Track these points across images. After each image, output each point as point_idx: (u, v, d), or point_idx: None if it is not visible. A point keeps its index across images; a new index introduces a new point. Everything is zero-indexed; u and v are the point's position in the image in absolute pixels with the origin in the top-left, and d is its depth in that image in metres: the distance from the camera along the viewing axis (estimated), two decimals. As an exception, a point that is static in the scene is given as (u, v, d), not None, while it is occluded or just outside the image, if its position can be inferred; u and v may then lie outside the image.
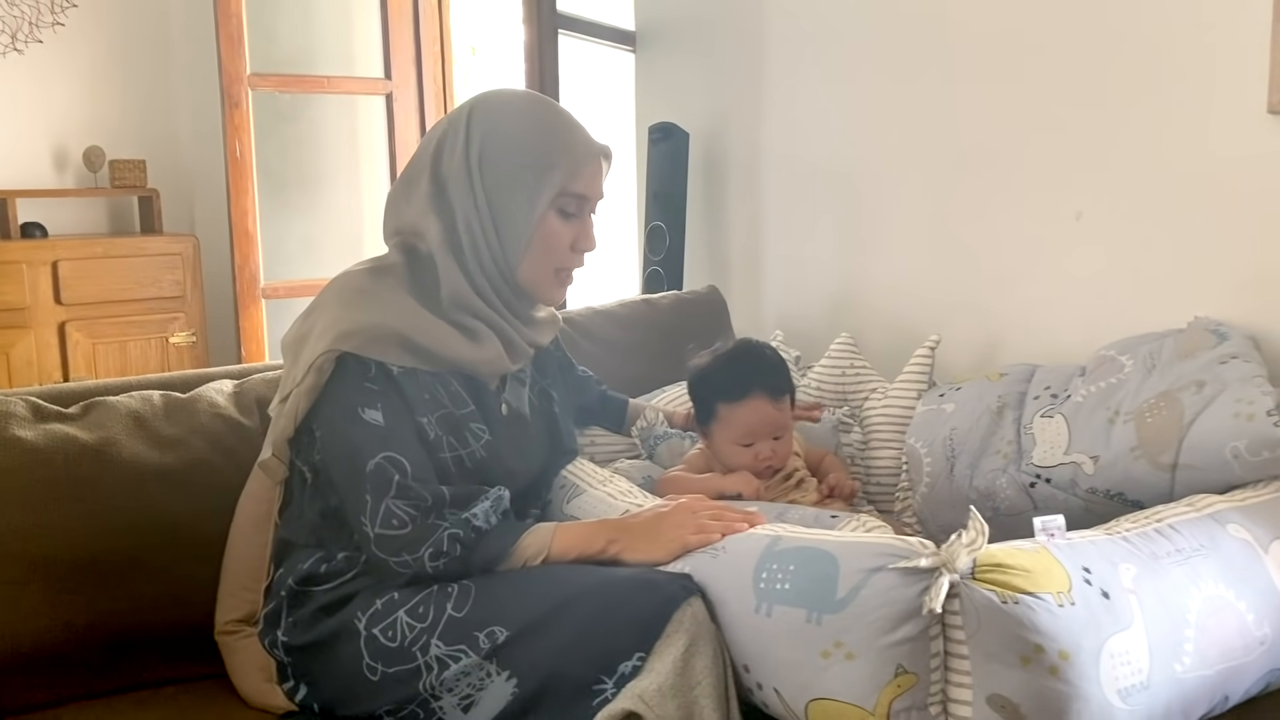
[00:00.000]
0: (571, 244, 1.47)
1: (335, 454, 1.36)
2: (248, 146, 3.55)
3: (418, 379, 1.39)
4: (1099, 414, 1.55)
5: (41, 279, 3.74)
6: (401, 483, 1.32)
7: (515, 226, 1.44)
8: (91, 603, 1.40)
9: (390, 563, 1.32)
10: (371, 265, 1.47)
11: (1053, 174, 1.96)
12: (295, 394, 1.36)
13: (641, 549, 1.31)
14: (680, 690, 1.15)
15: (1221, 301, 1.74)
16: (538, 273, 1.47)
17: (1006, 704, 1.05)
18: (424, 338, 1.38)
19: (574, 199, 1.45)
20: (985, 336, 2.09)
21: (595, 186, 1.48)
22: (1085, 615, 1.06)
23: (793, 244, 2.49)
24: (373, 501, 1.31)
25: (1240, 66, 1.69)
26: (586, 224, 1.49)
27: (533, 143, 1.44)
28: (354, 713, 1.32)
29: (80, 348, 3.82)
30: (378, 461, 1.32)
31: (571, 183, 1.44)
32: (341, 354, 1.34)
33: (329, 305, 1.41)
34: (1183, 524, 1.24)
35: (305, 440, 1.40)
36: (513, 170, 1.43)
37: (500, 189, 1.43)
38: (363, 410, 1.34)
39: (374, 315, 1.37)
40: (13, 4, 3.89)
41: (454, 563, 1.32)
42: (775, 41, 2.46)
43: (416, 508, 1.32)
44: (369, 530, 1.32)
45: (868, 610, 1.09)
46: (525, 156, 1.43)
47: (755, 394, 1.62)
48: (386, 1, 3.82)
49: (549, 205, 1.44)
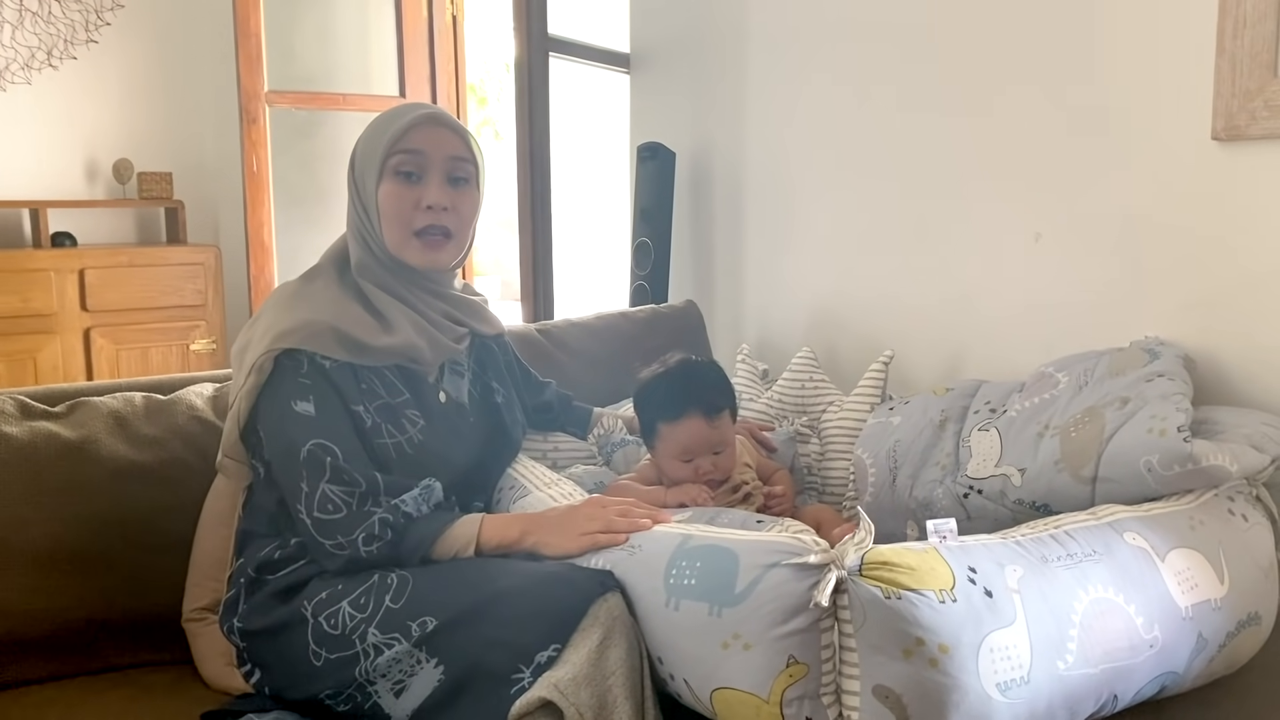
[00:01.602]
0: (417, 203, 1.56)
1: (275, 448, 1.46)
2: (265, 161, 3.68)
3: (353, 371, 1.49)
4: (1030, 428, 1.61)
5: (69, 286, 3.88)
6: (335, 465, 1.42)
7: (369, 200, 1.57)
8: (69, 590, 1.51)
9: (326, 546, 1.41)
10: (305, 273, 1.61)
11: (1014, 197, 2.02)
12: (239, 396, 1.47)
13: (554, 542, 1.40)
14: (594, 680, 1.22)
15: (1170, 322, 1.79)
16: (396, 237, 1.57)
17: (890, 694, 1.12)
18: (353, 328, 1.50)
19: (406, 156, 1.55)
20: (950, 352, 2.15)
21: (430, 144, 1.56)
22: (966, 611, 1.13)
23: (772, 261, 2.57)
24: (308, 488, 1.41)
25: (1186, 95, 1.74)
26: (431, 185, 1.57)
27: (374, 129, 1.59)
28: (299, 696, 1.41)
29: (104, 353, 3.96)
30: (309, 448, 1.42)
31: (398, 142, 1.54)
32: (279, 353, 1.45)
33: (267, 312, 1.53)
34: (1079, 530, 1.29)
35: (253, 439, 1.50)
36: (362, 158, 1.59)
37: (360, 176, 1.59)
38: (295, 403, 1.44)
39: (306, 313, 1.49)
40: (49, 21, 4.06)
41: (385, 546, 1.41)
42: (756, 68, 2.54)
43: (350, 494, 1.41)
44: (305, 517, 1.41)
45: (762, 604, 1.16)
46: (368, 143, 1.58)
47: (691, 414, 1.66)
48: (402, 22, 3.95)
49: (382, 169, 1.55)
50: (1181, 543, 1.33)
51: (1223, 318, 1.73)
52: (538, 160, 2.61)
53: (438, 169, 1.56)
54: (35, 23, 4.05)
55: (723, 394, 1.73)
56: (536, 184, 2.60)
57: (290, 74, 3.83)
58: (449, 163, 1.57)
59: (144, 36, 4.24)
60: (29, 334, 3.83)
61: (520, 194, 2.69)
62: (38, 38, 4.06)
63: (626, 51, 2.89)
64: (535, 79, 2.48)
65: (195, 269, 4.08)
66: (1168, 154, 1.79)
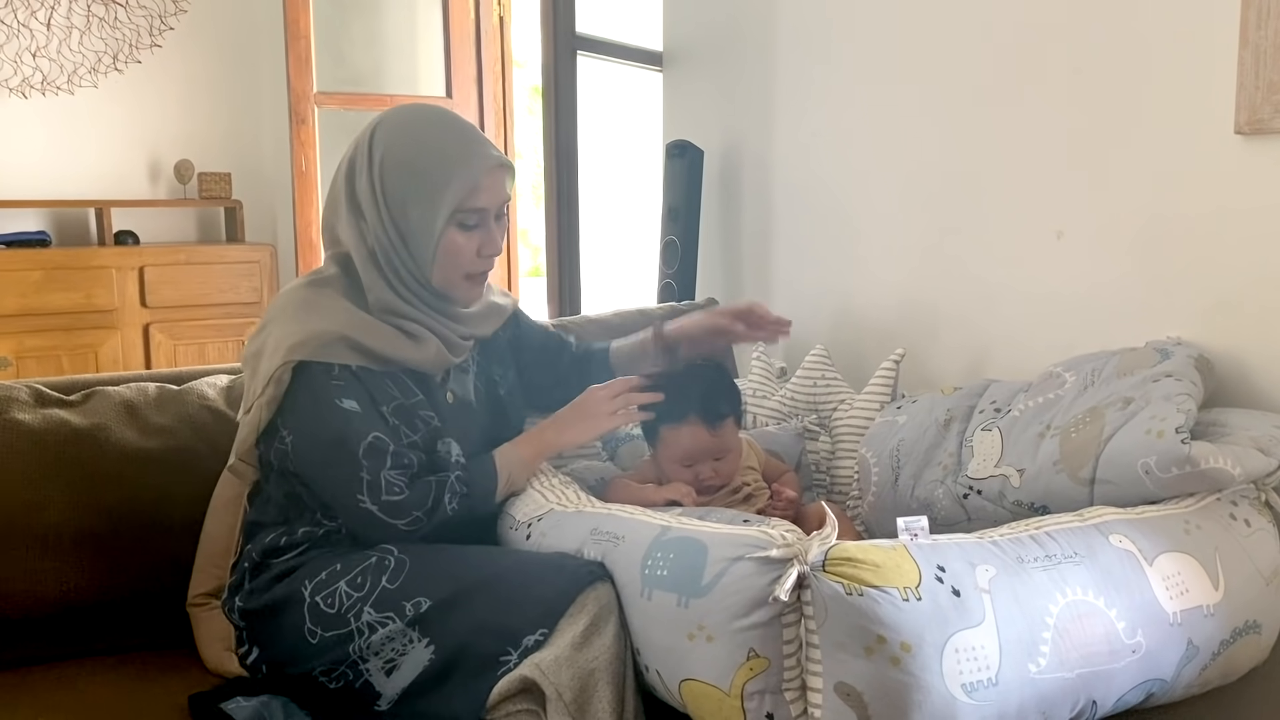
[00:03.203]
0: (477, 251, 1.56)
1: (315, 446, 1.47)
2: (313, 161, 3.75)
3: (372, 374, 1.51)
4: (1032, 428, 1.58)
5: (129, 283, 4.01)
6: (395, 451, 1.46)
7: (420, 241, 1.53)
8: (75, 573, 1.56)
9: (399, 526, 1.45)
10: (310, 279, 1.59)
11: (1036, 194, 1.98)
12: (256, 406, 1.48)
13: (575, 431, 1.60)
14: (576, 663, 1.24)
15: (1194, 322, 1.74)
16: (448, 279, 1.57)
17: (852, 692, 1.10)
18: (369, 339, 1.50)
19: (472, 213, 1.54)
20: (973, 352, 2.12)
21: (494, 198, 1.55)
22: (931, 610, 1.11)
23: (800, 259, 2.55)
24: (370, 477, 1.44)
25: (1208, 88, 1.69)
26: (490, 231, 1.56)
27: (427, 163, 1.51)
28: (295, 672, 1.44)
29: (163, 348, 4.08)
30: (370, 440, 1.45)
31: (467, 199, 1.52)
32: (298, 363, 1.46)
33: (277, 321, 1.53)
34: (1061, 532, 1.27)
35: (271, 444, 1.51)
36: (410, 190, 1.51)
37: (402, 207, 1.52)
38: (340, 401, 1.46)
39: (319, 324, 1.49)
40: (114, 27, 4.20)
41: (465, 500, 1.49)
42: (785, 66, 2.53)
43: (405, 474, 1.46)
44: (370, 505, 1.44)
45: (725, 596, 1.16)
46: (420, 177, 1.51)
47: (692, 421, 1.64)
48: (449, 23, 4.00)
49: (447, 222, 1.52)
50: (1173, 547, 1.29)
51: (1247, 318, 1.68)
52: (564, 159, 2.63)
53: (494, 213, 1.57)
54: (102, 28, 4.20)
55: (727, 401, 1.70)
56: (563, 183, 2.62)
57: (339, 75, 3.91)
58: (501, 206, 1.58)
59: (205, 40, 4.35)
60: (91, 329, 3.96)
61: (547, 193, 2.71)
62: (104, 42, 4.20)
63: (658, 49, 2.90)
64: (562, 78, 2.49)
65: (251, 267, 4.18)
66: (1189, 149, 1.74)
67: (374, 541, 1.46)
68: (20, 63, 4.07)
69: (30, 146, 4.11)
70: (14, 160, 4.08)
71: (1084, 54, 1.87)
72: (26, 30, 4.07)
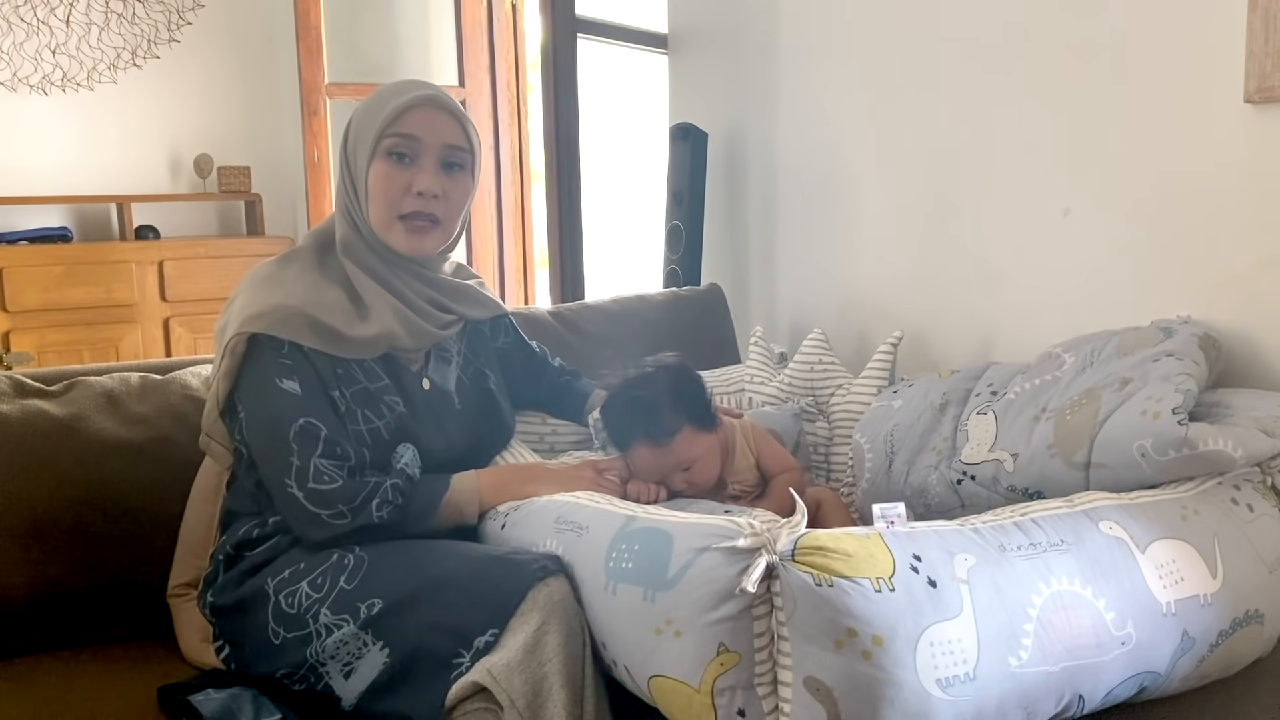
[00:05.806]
0: (407, 187, 1.54)
1: (258, 425, 1.46)
2: (325, 152, 3.75)
3: (327, 359, 1.49)
4: (1027, 411, 1.53)
5: (149, 277, 4.03)
6: (328, 438, 1.43)
7: (359, 178, 1.55)
8: (53, 564, 1.54)
9: (323, 516, 1.40)
10: (282, 255, 1.60)
11: (1042, 171, 1.92)
12: (216, 377, 1.48)
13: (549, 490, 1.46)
14: (528, 666, 1.20)
15: (1205, 299, 1.68)
16: (382, 219, 1.55)
17: (821, 687, 1.06)
18: (328, 316, 1.49)
19: (400, 139, 1.52)
20: (980, 333, 2.06)
21: (428, 131, 1.53)
22: (905, 602, 1.06)
23: (805, 244, 2.50)
24: (299, 462, 1.41)
25: (1215, 55, 1.63)
26: (424, 171, 1.54)
27: (368, 106, 1.56)
28: (260, 673, 1.42)
29: (182, 341, 4.11)
30: (300, 425, 1.42)
31: (394, 124, 1.52)
32: (252, 335, 1.45)
33: (241, 293, 1.53)
34: (1047, 518, 1.21)
35: (232, 419, 1.51)
36: (355, 134, 1.57)
37: (354, 150, 1.57)
38: (280, 381, 1.44)
39: (278, 298, 1.48)
40: (133, 22, 4.21)
41: (395, 511, 1.42)
42: (790, 49, 2.48)
43: (341, 467, 1.42)
44: (297, 490, 1.40)
45: (693, 589, 1.11)
46: (363, 119, 1.56)
47: (638, 445, 1.58)
48: (461, 12, 3.97)
49: (374, 150, 1.53)
50: (1167, 534, 1.23)
51: (1260, 295, 1.61)
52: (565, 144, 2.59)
53: (432, 154, 1.54)
54: (120, 24, 4.21)
55: (674, 414, 1.59)
56: (564, 168, 2.58)
57: (351, 67, 3.90)
58: (444, 149, 1.55)
59: (223, 35, 4.37)
60: (112, 323, 3.99)
61: (548, 178, 2.68)
62: (123, 38, 4.22)
63: (661, 31, 2.85)
64: (562, 61, 2.45)
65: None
66: (1198, 119, 1.67)
67: (304, 533, 1.42)
68: (40, 60, 4.09)
69: (52, 143, 4.14)
70: (36, 157, 4.11)
71: (1087, 25, 1.81)
72: (46, 28, 4.09)
